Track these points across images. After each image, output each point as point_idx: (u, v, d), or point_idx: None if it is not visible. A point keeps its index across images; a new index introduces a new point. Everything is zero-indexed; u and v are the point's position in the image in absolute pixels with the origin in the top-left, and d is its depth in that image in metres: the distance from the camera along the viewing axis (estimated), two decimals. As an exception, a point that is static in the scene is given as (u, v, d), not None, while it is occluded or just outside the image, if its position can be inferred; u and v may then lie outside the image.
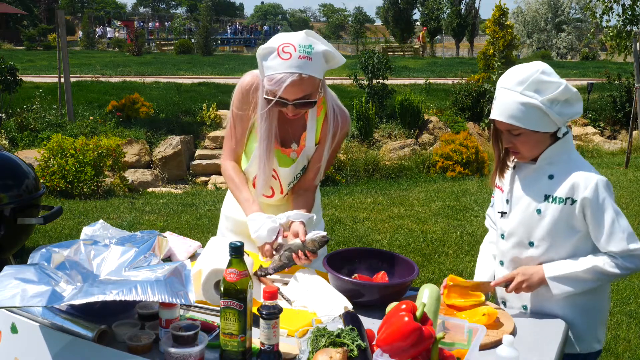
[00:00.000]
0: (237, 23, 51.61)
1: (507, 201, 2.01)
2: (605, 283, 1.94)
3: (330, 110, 2.20)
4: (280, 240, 2.11)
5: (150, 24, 43.81)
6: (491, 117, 1.91)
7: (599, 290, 1.96)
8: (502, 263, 2.06)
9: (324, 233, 2.06)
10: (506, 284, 1.94)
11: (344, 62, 2.14)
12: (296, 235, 2.08)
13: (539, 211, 1.91)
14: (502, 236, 2.03)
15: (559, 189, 1.88)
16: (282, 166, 2.25)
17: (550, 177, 1.91)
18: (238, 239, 2.40)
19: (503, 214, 2.02)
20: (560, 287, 1.88)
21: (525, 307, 2.01)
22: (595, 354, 2.01)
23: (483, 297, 1.97)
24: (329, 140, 2.21)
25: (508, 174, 2.04)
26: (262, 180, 2.23)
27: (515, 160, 2.01)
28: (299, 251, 2.05)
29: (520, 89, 1.82)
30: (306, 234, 2.09)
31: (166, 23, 46.05)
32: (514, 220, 1.98)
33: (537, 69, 1.84)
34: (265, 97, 2.06)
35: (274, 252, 2.10)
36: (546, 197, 1.90)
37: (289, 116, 2.10)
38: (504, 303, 2.09)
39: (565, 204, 1.87)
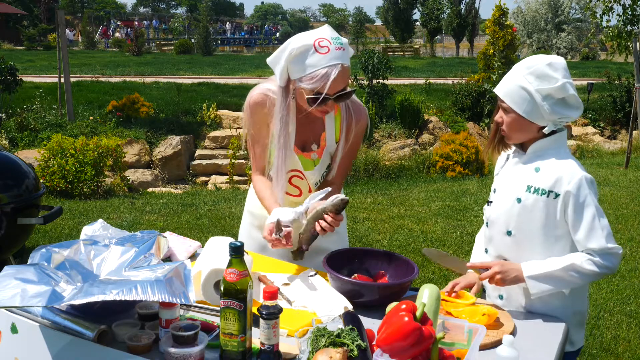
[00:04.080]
0: (229, 23, 51.07)
1: (495, 190, 2.05)
2: (582, 282, 1.92)
3: (344, 107, 2.20)
4: (288, 228, 2.06)
5: (111, 22, 43.49)
6: (494, 89, 2.00)
7: (576, 291, 1.96)
8: (486, 251, 2.09)
9: (343, 196, 2.02)
10: (481, 270, 1.95)
11: (353, 53, 2.15)
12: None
13: (519, 200, 1.93)
14: (487, 224, 2.07)
15: (542, 180, 1.91)
16: (307, 170, 2.25)
17: (537, 169, 1.94)
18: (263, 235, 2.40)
19: (489, 202, 2.06)
20: (538, 286, 1.88)
21: (501, 297, 2.04)
22: (568, 355, 1.99)
23: (474, 299, 1.98)
24: (343, 135, 2.22)
25: (501, 162, 2.08)
26: (280, 185, 2.21)
27: (511, 152, 2.05)
28: (322, 218, 2.00)
29: (525, 73, 1.89)
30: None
31: (145, 22, 45.57)
32: (497, 209, 2.01)
33: (547, 60, 1.89)
34: (308, 97, 2.02)
35: (278, 234, 2.05)
36: (528, 187, 1.92)
37: (325, 113, 2.10)
38: (484, 290, 2.11)
39: (547, 196, 1.89)
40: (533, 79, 1.87)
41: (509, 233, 1.97)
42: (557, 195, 1.88)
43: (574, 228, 1.87)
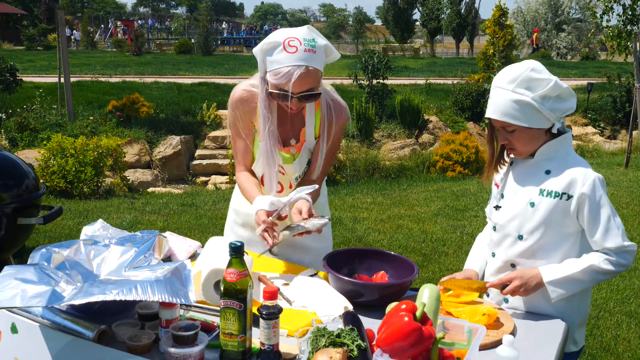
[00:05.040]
0: (225, 22, 50.75)
1: (502, 195, 2.04)
2: (599, 282, 1.94)
3: (324, 104, 2.23)
4: (277, 213, 2.09)
5: (110, 22, 43.34)
6: (486, 115, 1.96)
7: (581, 291, 1.96)
8: (493, 255, 2.08)
9: (326, 220, 2.04)
10: (502, 286, 1.94)
11: (339, 57, 2.19)
12: (300, 212, 2.08)
13: (532, 204, 1.93)
14: (494, 228, 2.06)
15: (555, 183, 1.91)
16: (286, 163, 2.28)
17: (547, 172, 1.94)
18: (246, 233, 2.42)
19: (497, 207, 2.05)
20: (557, 291, 1.88)
21: (506, 300, 2.04)
22: (570, 355, 2.00)
23: (476, 295, 1.98)
24: (325, 133, 2.25)
25: (504, 169, 2.08)
26: (269, 178, 2.25)
27: (512, 156, 2.04)
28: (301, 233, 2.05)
29: (512, 87, 1.87)
30: (310, 211, 2.09)
31: (141, 21, 45.23)
32: (507, 213, 2.00)
33: (528, 67, 1.88)
34: (271, 91, 2.07)
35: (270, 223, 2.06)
36: (541, 191, 1.92)
37: (293, 110, 2.12)
38: (487, 294, 2.11)
39: (560, 198, 1.89)
40: (523, 90, 1.85)
41: (520, 237, 1.97)
42: (570, 197, 1.88)
43: (591, 229, 1.88)
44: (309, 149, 2.29)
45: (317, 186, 2.17)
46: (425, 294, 1.69)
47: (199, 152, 10.71)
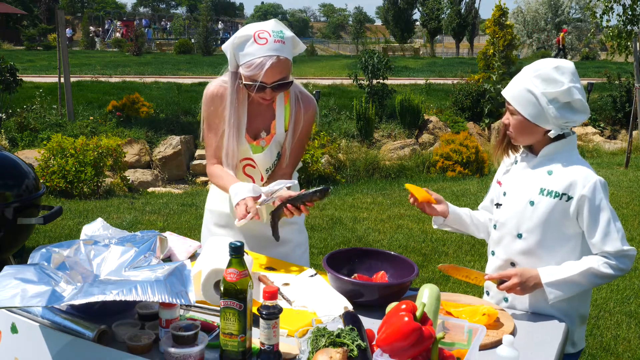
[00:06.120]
0: (221, 22, 50.59)
1: (504, 193, 2.04)
2: (597, 285, 1.94)
3: (293, 96, 2.31)
4: (263, 197, 2.12)
5: (107, 22, 43.22)
6: (502, 91, 2.01)
7: (582, 293, 1.96)
8: (493, 253, 2.09)
9: (322, 186, 2.09)
10: (499, 281, 1.94)
11: (305, 48, 2.29)
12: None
13: (532, 203, 1.94)
14: (495, 226, 2.07)
15: (555, 183, 1.91)
16: (256, 153, 2.33)
17: (549, 172, 1.94)
18: (224, 233, 2.44)
19: (498, 205, 2.06)
20: (555, 292, 1.88)
21: (506, 299, 2.04)
22: (570, 355, 2.00)
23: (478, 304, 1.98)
24: (292, 124, 2.31)
25: (505, 166, 2.08)
26: (231, 169, 2.30)
27: (519, 155, 2.05)
28: (296, 204, 2.08)
29: (531, 75, 1.90)
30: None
31: (135, 21, 45.00)
32: (507, 211, 2.01)
33: (555, 64, 1.90)
34: (245, 83, 2.14)
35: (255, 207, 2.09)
36: (541, 190, 1.93)
37: (267, 101, 2.19)
38: (487, 292, 2.12)
39: (560, 199, 1.89)
40: (539, 82, 1.87)
41: (519, 236, 1.97)
42: (570, 198, 1.88)
43: (590, 232, 1.88)
44: (278, 142, 2.34)
45: (295, 182, 2.23)
46: (425, 294, 1.69)
47: (199, 152, 10.70)
